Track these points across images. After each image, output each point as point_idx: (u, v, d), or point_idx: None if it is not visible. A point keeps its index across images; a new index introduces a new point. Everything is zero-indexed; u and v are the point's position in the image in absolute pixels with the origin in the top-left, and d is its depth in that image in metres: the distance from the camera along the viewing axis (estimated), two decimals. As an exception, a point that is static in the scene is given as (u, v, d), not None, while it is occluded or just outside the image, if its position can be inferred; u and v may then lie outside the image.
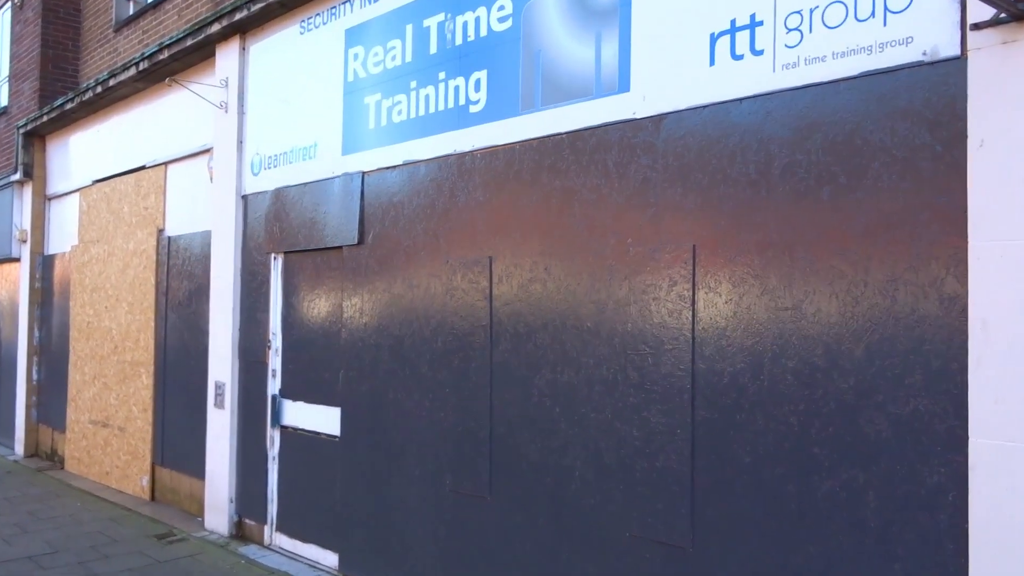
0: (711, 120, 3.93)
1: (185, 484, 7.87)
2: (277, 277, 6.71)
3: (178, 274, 8.10)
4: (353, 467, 5.82)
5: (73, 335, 10.04)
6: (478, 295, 4.98)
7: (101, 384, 9.33)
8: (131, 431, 8.70)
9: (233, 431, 7.00)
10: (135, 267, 8.79)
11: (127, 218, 9.07)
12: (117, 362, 9.02)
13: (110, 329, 9.21)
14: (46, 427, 10.82)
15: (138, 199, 8.89)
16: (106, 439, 9.18)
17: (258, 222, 6.88)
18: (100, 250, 9.53)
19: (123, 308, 8.96)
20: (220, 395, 7.10)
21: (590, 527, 4.33)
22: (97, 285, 9.54)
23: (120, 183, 9.26)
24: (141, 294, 8.63)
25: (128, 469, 8.72)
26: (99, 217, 9.67)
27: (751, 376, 3.71)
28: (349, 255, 5.95)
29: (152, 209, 8.62)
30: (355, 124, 5.97)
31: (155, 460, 8.33)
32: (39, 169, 11.13)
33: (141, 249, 8.70)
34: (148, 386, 8.43)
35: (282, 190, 6.62)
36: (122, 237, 9.09)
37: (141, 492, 8.45)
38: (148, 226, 8.64)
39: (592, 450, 4.33)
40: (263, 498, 6.70)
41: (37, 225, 11.10)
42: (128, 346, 8.81)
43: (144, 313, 8.56)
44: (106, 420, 9.19)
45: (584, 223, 4.44)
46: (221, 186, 7.25)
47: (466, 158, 5.12)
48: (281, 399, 6.60)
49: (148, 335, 8.47)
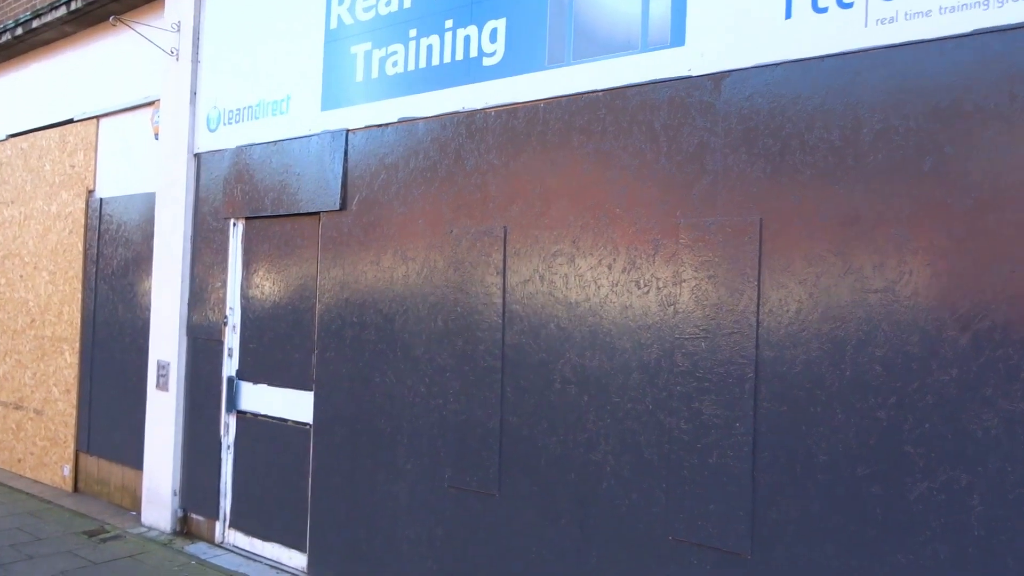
0: (785, 80, 3.49)
1: (116, 474, 7.00)
2: (236, 246, 5.96)
3: (112, 241, 7.19)
4: (328, 459, 5.18)
5: (-21, 306, 8.91)
6: (489, 269, 4.42)
7: (14, 361, 8.29)
8: (50, 414, 7.73)
9: (179, 416, 6.21)
10: (58, 232, 7.80)
11: (49, 177, 8.05)
12: (34, 337, 8.01)
13: (26, 301, 8.18)
14: (-57, 408, 9.62)
15: (63, 156, 7.89)
16: (19, 423, 8.16)
17: (214, 184, 6.10)
18: (14, 212, 8.46)
19: (43, 278, 7.96)
20: (163, 376, 6.29)
21: (624, 528, 3.86)
22: (10, 251, 8.47)
23: (41, 138, 8.21)
24: (66, 262, 7.66)
25: (46, 456, 7.75)
26: (14, 176, 8.58)
27: (830, 365, 3.30)
28: (328, 222, 5.28)
29: (80, 168, 7.65)
30: (338, 77, 5.29)
31: (79, 447, 7.41)
32: (-60, 120, 9.85)
33: (66, 212, 7.72)
34: (72, 365, 7.49)
35: (245, 148, 5.86)
36: (43, 198, 8.06)
37: (62, 483, 7.52)
38: (75, 187, 7.67)
39: (629, 444, 3.86)
40: (214, 491, 5.96)
41: (-64, 183, 9.83)
42: (48, 320, 7.82)
43: (69, 284, 7.60)
44: (19, 402, 8.17)
45: (623, 191, 3.95)
46: (169, 143, 6.42)
47: (477, 116, 4.54)
48: (239, 381, 5.86)
49: (73, 308, 7.52)
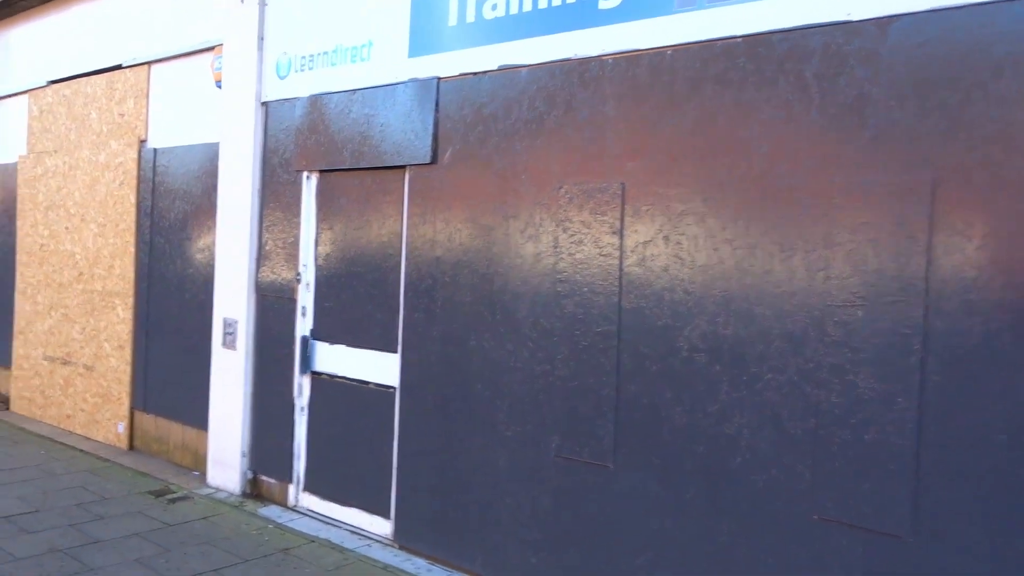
0: (965, 24, 3.17)
1: (176, 433, 6.80)
2: (310, 200, 5.66)
3: (167, 193, 6.89)
4: (417, 423, 4.95)
5: (20, 259, 8.64)
6: (603, 229, 4.13)
7: (60, 316, 8.04)
8: (102, 370, 7.51)
9: (247, 376, 5.97)
10: (107, 183, 7.49)
11: (96, 126, 7.71)
12: (82, 291, 7.75)
13: (72, 254, 7.90)
14: (-17, 362, 9.41)
15: (111, 104, 7.54)
16: (67, 378, 7.94)
17: (285, 134, 5.78)
18: (59, 162, 8.13)
19: (91, 230, 7.67)
20: (231, 334, 6.04)
21: (760, 505, 3.63)
22: (54, 203, 8.17)
23: (86, 85, 7.85)
24: (116, 215, 7.36)
25: (98, 413, 7.54)
26: (57, 124, 8.24)
27: (1013, 337, 3.03)
28: (416, 176, 4.98)
29: (130, 116, 7.31)
30: (428, 20, 4.94)
31: (134, 404, 7.20)
32: (-26, 66, 9.47)
33: (116, 163, 7.40)
34: (125, 320, 7.24)
35: (320, 97, 5.53)
36: (89, 148, 7.74)
37: (116, 440, 7.32)
38: (125, 136, 7.34)
39: (768, 417, 3.61)
40: (287, 453, 5.75)
41: (-29, 131, 9.49)
42: (98, 274, 7.55)
43: (120, 237, 7.32)
44: (67, 357, 7.94)
45: (764, 146, 3.64)
46: (234, 92, 6.08)
47: (592, 64, 4.21)
48: (313, 341, 5.61)
49: (126, 262, 7.24)
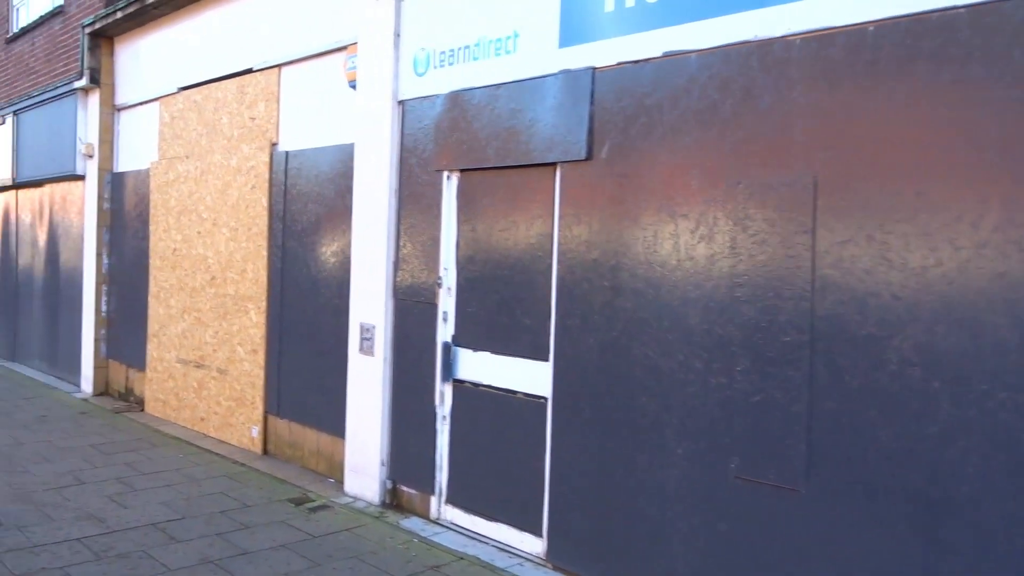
0: None
1: (310, 439, 6.71)
2: (451, 200, 5.43)
3: (300, 196, 6.81)
4: (572, 436, 4.65)
5: (153, 263, 8.78)
6: (791, 227, 3.72)
7: (193, 319, 8.12)
8: (235, 374, 7.51)
9: (386, 383, 5.80)
10: (239, 187, 7.48)
11: (227, 131, 7.73)
12: (215, 295, 7.79)
13: (205, 258, 7.95)
14: (118, 364, 9.64)
15: (242, 108, 7.53)
16: (200, 381, 8.00)
17: (423, 133, 5.57)
18: (190, 167, 8.21)
19: (223, 234, 7.69)
20: (368, 340, 5.88)
21: (993, 545, 3.16)
22: (186, 207, 8.25)
23: (216, 90, 7.89)
24: (249, 218, 7.35)
25: (231, 417, 7.56)
26: (187, 129, 8.32)
27: None
28: (569, 173, 4.67)
29: (262, 120, 7.28)
30: (580, 8, 4.62)
31: (268, 409, 7.16)
32: (107, 75, 9.71)
33: (247, 167, 7.38)
34: (258, 324, 7.21)
35: (461, 93, 5.29)
36: (221, 152, 7.76)
37: (250, 444, 7.31)
38: (256, 140, 7.31)
39: (1003, 442, 3.14)
40: (428, 464, 5.54)
41: (105, 139, 9.74)
42: (231, 278, 7.57)
43: (253, 240, 7.29)
44: (200, 360, 8.00)
45: (995, 130, 3.16)
46: (369, 91, 5.91)
47: (776, 46, 3.80)
48: (455, 348, 5.38)
49: (259, 266, 7.21)
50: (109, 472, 6.52)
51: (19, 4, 12.23)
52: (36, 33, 11.38)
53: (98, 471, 6.55)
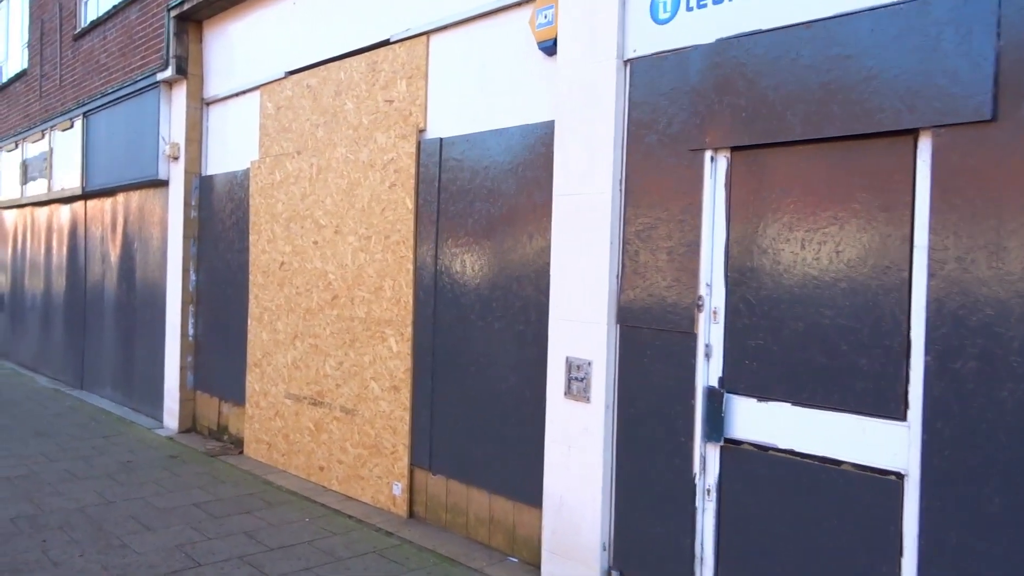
0: None
1: (478, 503, 5.17)
2: (716, 189, 3.88)
3: (462, 193, 5.30)
4: (963, 538, 3.04)
5: (254, 280, 7.34)
6: None
7: (308, 347, 6.64)
8: (367, 416, 6.01)
9: (608, 438, 4.25)
10: (371, 186, 6.00)
11: (352, 118, 6.26)
12: (338, 318, 6.30)
13: (324, 273, 6.47)
14: (208, 396, 8.20)
15: (374, 90, 6.06)
16: (318, 422, 6.52)
17: (668, 101, 4.03)
18: (302, 165, 6.76)
19: (349, 244, 6.21)
20: (579, 380, 4.33)
21: None
22: (297, 213, 6.79)
23: (338, 70, 6.43)
24: (386, 224, 5.86)
25: (362, 468, 6.05)
26: (298, 120, 6.88)
27: None
28: (950, 144, 3.09)
29: (403, 102, 5.80)
30: None
31: (414, 460, 5.64)
32: (195, 64, 8.32)
33: (384, 160, 5.90)
34: (400, 354, 5.71)
35: (736, 41, 3.74)
36: (345, 145, 6.29)
37: (391, 504, 5.79)
38: (395, 126, 5.83)
39: None
40: (680, 554, 3.97)
41: (193, 137, 8.34)
42: (361, 297, 6.08)
43: (391, 251, 5.80)
44: (318, 396, 6.51)
45: None
46: (578, 50, 4.39)
47: None
48: (728, 395, 3.81)
49: (400, 282, 5.72)
50: (227, 547, 5.03)
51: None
52: (108, 26, 10.08)
53: (213, 544, 5.06)
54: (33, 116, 12.72)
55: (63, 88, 11.53)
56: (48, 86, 12.14)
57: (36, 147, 12.28)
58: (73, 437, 8.06)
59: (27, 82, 13.12)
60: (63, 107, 11.39)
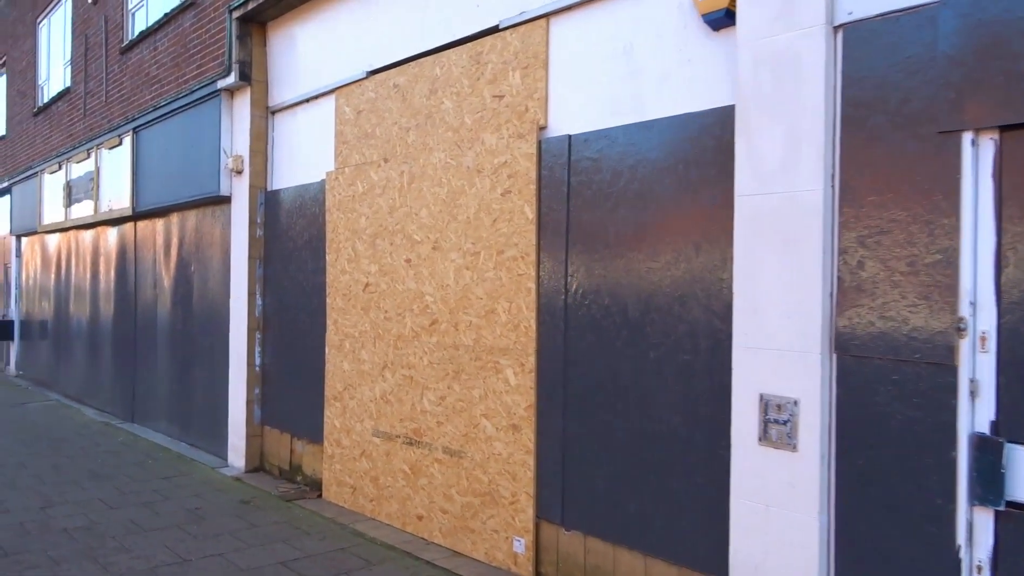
0: None
1: (630, 566, 4.31)
2: (979, 182, 3.02)
3: (598, 198, 4.48)
4: None
5: (332, 303, 6.56)
6: None
7: (400, 378, 5.84)
8: (478, 458, 5.18)
9: (824, 495, 3.38)
10: (479, 194, 5.21)
11: (452, 118, 5.48)
12: (438, 346, 5.50)
13: (419, 295, 5.68)
14: (278, 432, 7.42)
15: (479, 84, 5.29)
16: (415, 464, 5.70)
17: (903, 72, 3.19)
18: (390, 174, 5.98)
19: (451, 261, 5.41)
20: (781, 423, 3.48)
21: None
22: (385, 227, 6.01)
23: (432, 66, 5.66)
24: (499, 238, 5.06)
25: (472, 520, 5.22)
26: (383, 125, 6.12)
27: None
28: None
29: (517, 96, 5.01)
30: None
31: (541, 513, 4.80)
32: (259, 70, 7.61)
33: (495, 164, 5.11)
34: (520, 388, 4.88)
35: (1008, -9, 2.91)
36: (444, 149, 5.51)
37: (511, 563, 4.94)
38: (509, 124, 5.04)
39: None
40: (939, 646, 3.09)
41: (258, 149, 7.62)
42: (467, 322, 5.27)
43: (506, 269, 4.99)
44: (415, 435, 5.70)
45: None
46: (765, 19, 3.57)
47: None
48: (1009, 445, 2.94)
49: (520, 304, 4.90)
50: (333, 621, 4.21)
51: (136, 7, 10.34)
52: (159, 36, 9.43)
53: (316, 619, 4.24)
54: (77, 135, 12.13)
55: (109, 104, 10.90)
56: (93, 103, 11.54)
57: (81, 167, 11.67)
58: (132, 479, 7.30)
59: (70, 101, 12.54)
60: (110, 124, 10.76)
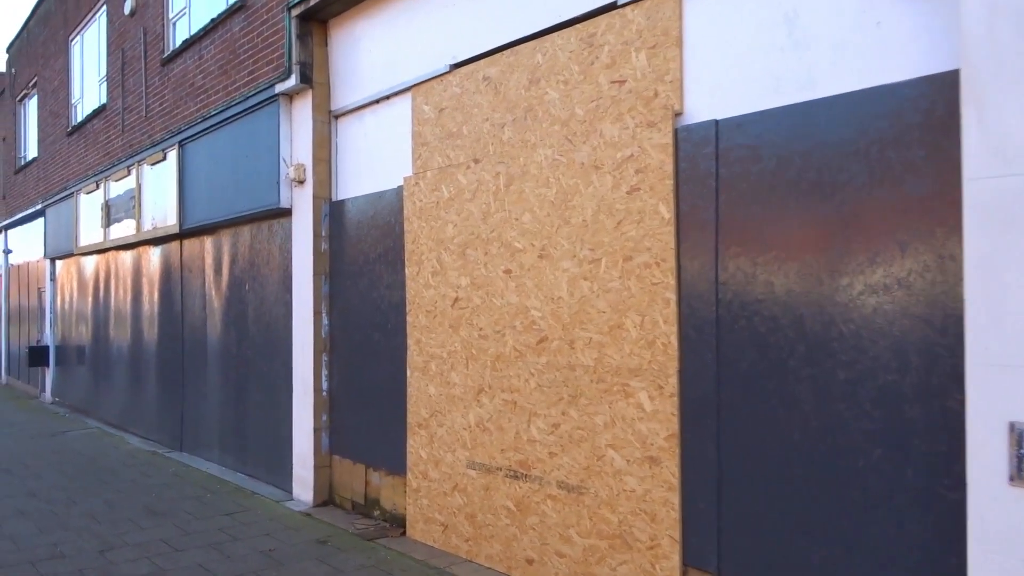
0: None
1: (819, 627, 3.62)
2: None
3: (758, 191, 3.81)
4: None
5: (414, 321, 5.92)
6: None
7: (501, 403, 5.18)
8: (605, 495, 4.50)
9: (1112, 551, 2.69)
10: (598, 193, 4.56)
11: (559, 110, 4.85)
12: (548, 366, 4.84)
13: (524, 309, 5.02)
14: (350, 463, 6.78)
15: (592, 70, 4.65)
16: (521, 500, 5.03)
17: None
18: (482, 176, 5.35)
19: (562, 270, 4.76)
20: (1045, 458, 2.79)
21: None
22: (478, 235, 5.37)
23: (531, 54, 5.03)
24: (626, 241, 4.40)
25: (599, 565, 4.53)
26: (471, 122, 5.49)
27: None
28: None
29: (643, 80, 4.37)
30: None
31: (689, 560, 4.11)
32: (320, 72, 7.02)
33: (617, 158, 4.46)
34: (660, 415, 4.21)
35: None
36: (550, 145, 4.87)
37: (654, 617, 4.25)
38: (634, 112, 4.39)
39: None
40: None
41: (321, 157, 7.02)
42: (587, 339, 4.60)
43: (636, 276, 4.33)
44: (521, 467, 5.03)
45: None
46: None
47: None
48: None
49: (656, 317, 4.23)
50: None
51: (178, 16, 9.82)
52: (204, 43, 8.89)
53: None
54: (115, 153, 11.62)
55: (150, 119, 10.38)
56: (132, 119, 11.02)
57: (121, 185, 11.14)
58: (193, 516, 6.67)
59: (106, 117, 12.05)
60: (151, 139, 10.22)
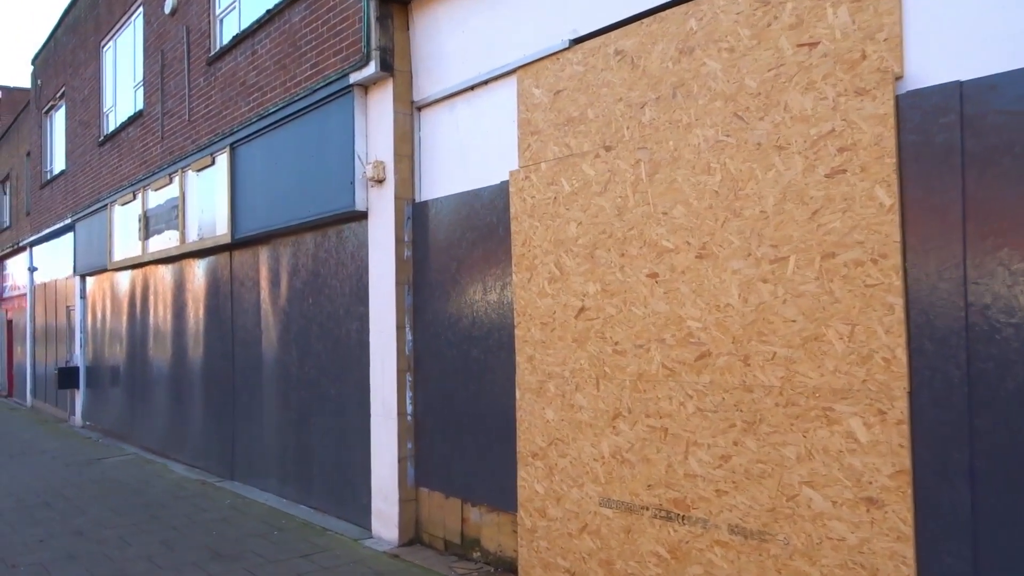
0: None
1: None
2: None
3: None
4: None
5: (526, 335, 5.14)
6: None
7: (646, 430, 4.38)
8: (800, 544, 3.69)
9: None
10: (783, 178, 3.78)
11: (722, 83, 4.07)
12: (713, 387, 4.04)
13: (677, 319, 4.23)
14: (441, 496, 5.97)
15: (770, 32, 3.87)
16: (678, 547, 4.21)
17: None
18: (615, 165, 4.58)
19: (730, 271, 3.97)
20: None
21: None
22: (609, 234, 4.60)
23: (683, 20, 4.27)
24: (826, 235, 3.61)
25: (795, 629, 3.71)
26: (599, 104, 4.72)
27: None
28: None
29: (844, 40, 3.59)
30: None
31: (931, 628, 3.29)
32: (401, 59, 6.29)
33: (812, 135, 3.67)
34: (880, 446, 3.40)
35: None
36: (713, 124, 4.10)
37: None
38: (833, 79, 3.62)
39: None
40: None
41: (404, 153, 6.27)
42: (771, 354, 3.80)
43: (842, 277, 3.53)
44: (675, 507, 4.22)
45: None
46: None
47: None
48: None
49: (875, 326, 3.43)
50: None
51: (225, 11, 9.13)
52: (258, 37, 8.19)
53: None
54: (153, 161, 10.92)
55: (193, 122, 9.67)
56: (172, 124, 10.33)
57: (161, 195, 10.44)
58: (264, 558, 5.88)
59: (143, 124, 11.37)
60: (196, 144, 9.51)
